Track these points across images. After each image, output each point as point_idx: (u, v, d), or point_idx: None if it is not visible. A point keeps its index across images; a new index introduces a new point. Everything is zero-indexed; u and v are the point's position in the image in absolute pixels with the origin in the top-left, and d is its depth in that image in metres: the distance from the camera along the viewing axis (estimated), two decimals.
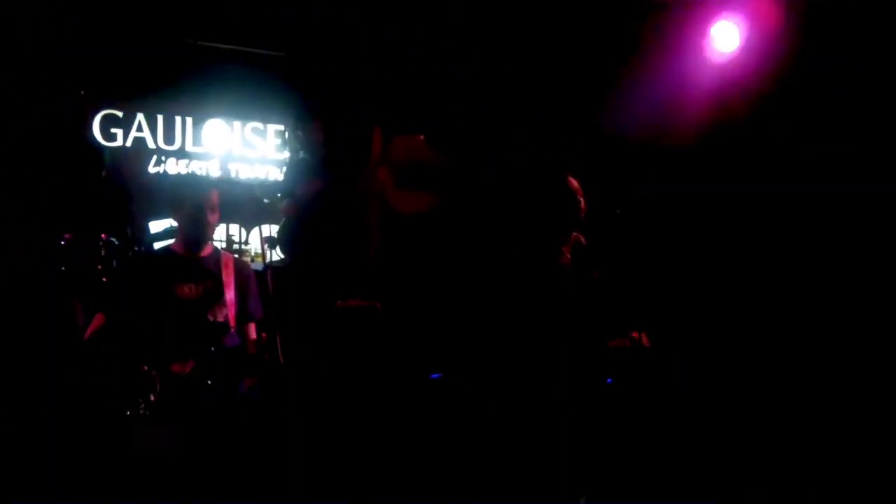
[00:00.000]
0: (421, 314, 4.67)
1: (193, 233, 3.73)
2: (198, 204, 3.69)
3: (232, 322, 3.68)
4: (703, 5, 5.63)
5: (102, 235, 4.47)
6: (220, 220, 4.62)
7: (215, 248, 3.97)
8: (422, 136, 6.19)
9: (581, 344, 4.32)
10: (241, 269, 3.95)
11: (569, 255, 4.58)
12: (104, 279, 4.44)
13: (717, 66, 5.61)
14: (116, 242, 4.57)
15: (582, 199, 4.57)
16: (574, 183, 4.61)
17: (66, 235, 4.26)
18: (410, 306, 4.72)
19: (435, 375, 4.65)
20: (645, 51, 5.68)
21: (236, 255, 4.38)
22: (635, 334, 4.44)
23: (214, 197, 3.81)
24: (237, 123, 6.19)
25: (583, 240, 4.66)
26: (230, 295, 3.76)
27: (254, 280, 4.07)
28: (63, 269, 4.06)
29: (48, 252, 4.21)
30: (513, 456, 3.92)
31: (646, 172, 5.62)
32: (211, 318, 3.64)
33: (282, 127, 6.28)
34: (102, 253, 4.45)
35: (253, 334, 3.86)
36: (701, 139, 5.69)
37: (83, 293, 4.17)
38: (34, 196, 5.02)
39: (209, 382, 3.43)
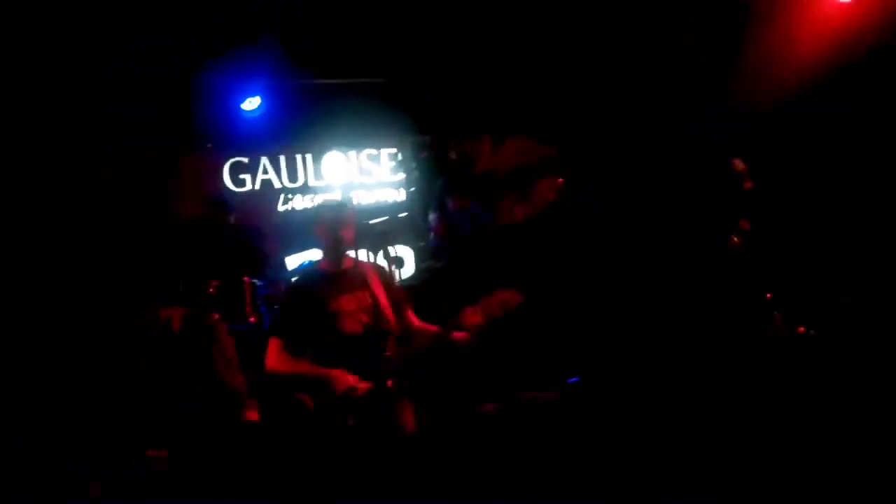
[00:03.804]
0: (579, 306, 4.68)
1: (333, 247, 3.98)
2: (334, 221, 3.95)
3: (393, 323, 3.89)
4: None
5: (245, 279, 4.87)
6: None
7: (355, 260, 4.13)
8: (527, 138, 6.30)
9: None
10: (382, 274, 4.10)
11: (738, 240, 4.44)
12: (252, 319, 4.85)
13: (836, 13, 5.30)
14: (259, 283, 4.96)
15: (748, 181, 4.40)
16: (739, 164, 4.45)
17: (214, 282, 4.65)
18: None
19: (573, 379, 4.69)
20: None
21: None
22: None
23: (350, 216, 4.04)
24: (353, 153, 6.51)
25: (747, 225, 4.52)
26: (384, 300, 3.97)
27: (393, 277, 4.26)
28: (215, 316, 4.39)
29: (199, 300, 4.55)
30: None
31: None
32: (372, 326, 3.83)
33: (394, 150, 6.56)
34: (247, 295, 4.84)
35: (414, 319, 4.06)
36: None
37: (234, 334, 4.50)
38: (179, 248, 5.40)
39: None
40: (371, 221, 5.45)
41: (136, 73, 5.52)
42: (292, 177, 6.35)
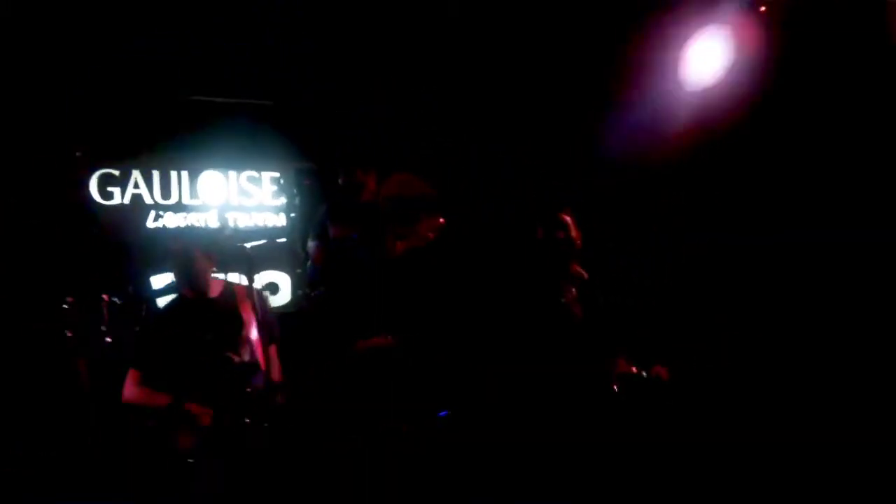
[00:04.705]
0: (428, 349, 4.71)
1: (188, 282, 3.82)
2: (188, 254, 3.79)
3: (261, 360, 3.71)
4: (683, 28, 5.59)
5: (104, 296, 4.57)
6: (220, 270, 4.68)
7: (226, 284, 3.94)
8: (411, 174, 6.32)
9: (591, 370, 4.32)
10: (255, 299, 3.94)
11: (574, 291, 4.56)
12: (108, 339, 4.54)
13: (696, 90, 5.40)
14: (118, 302, 4.67)
15: (575, 234, 4.56)
16: (566, 218, 4.62)
17: (69, 299, 4.34)
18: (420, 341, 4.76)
19: (442, 413, 4.66)
20: (624, 76, 5.66)
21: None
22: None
23: (206, 248, 3.90)
24: (232, 173, 6.28)
25: (584, 274, 4.64)
26: (252, 333, 3.80)
27: (267, 304, 4.11)
28: (68, 334, 4.12)
29: (53, 317, 4.27)
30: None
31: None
32: (236, 359, 3.66)
33: (277, 173, 6.37)
34: (105, 314, 4.54)
35: (275, 358, 3.88)
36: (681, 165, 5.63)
37: (88, 354, 4.23)
38: (35, 261, 5.07)
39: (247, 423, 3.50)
40: (247, 244, 5.25)
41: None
42: (165, 194, 6.05)
